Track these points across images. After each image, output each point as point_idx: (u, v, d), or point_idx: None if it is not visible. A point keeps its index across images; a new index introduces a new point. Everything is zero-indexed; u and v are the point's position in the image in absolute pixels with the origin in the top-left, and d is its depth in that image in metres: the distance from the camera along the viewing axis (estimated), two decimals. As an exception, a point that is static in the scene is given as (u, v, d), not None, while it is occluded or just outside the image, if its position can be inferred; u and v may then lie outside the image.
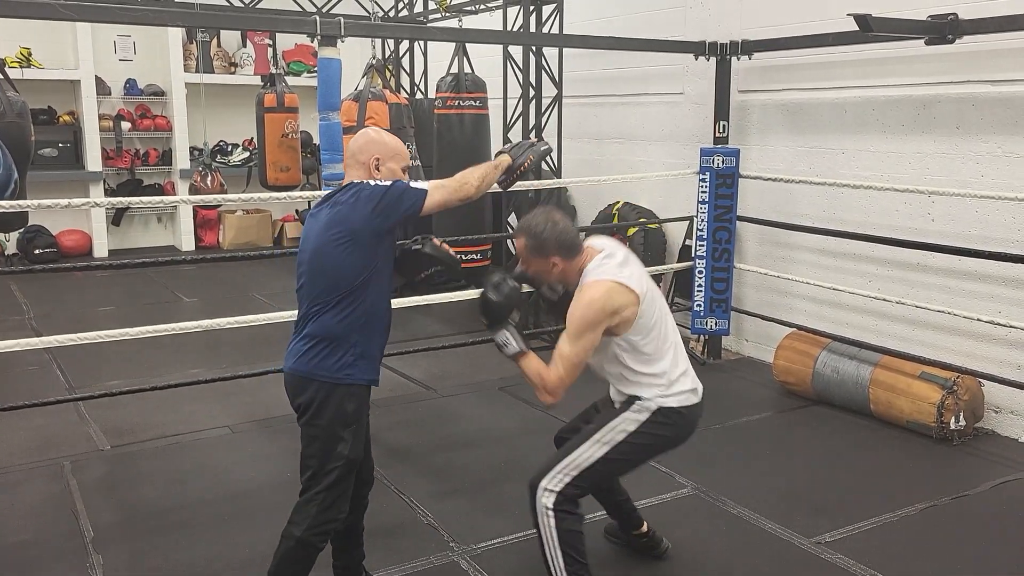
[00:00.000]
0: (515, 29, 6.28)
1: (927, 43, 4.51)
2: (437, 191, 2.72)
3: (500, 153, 3.07)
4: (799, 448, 4.46)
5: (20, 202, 4.27)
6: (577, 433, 2.95)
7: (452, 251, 2.93)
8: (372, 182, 2.68)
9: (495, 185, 3.01)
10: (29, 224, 8.20)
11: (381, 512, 3.70)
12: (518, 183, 3.16)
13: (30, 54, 9.16)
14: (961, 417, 4.39)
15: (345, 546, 2.94)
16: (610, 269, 2.82)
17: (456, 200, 2.78)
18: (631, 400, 2.88)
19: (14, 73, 7.85)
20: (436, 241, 2.91)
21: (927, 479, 4.05)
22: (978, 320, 4.48)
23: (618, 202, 6.76)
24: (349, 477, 2.68)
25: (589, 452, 2.83)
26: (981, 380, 4.51)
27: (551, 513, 2.76)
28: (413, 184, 2.71)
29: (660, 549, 3.34)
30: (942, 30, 4.39)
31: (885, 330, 5.12)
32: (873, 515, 3.65)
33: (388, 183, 2.68)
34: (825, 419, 4.84)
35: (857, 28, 4.22)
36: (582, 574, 2.79)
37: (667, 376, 2.86)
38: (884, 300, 4.97)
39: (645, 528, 3.33)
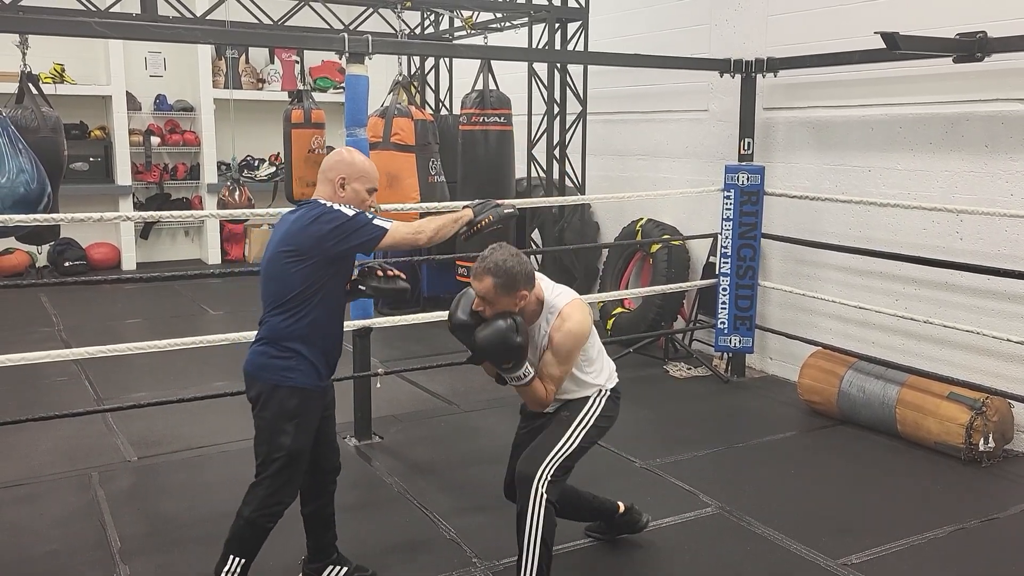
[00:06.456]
0: (540, 46, 6.31)
1: (955, 61, 4.49)
2: (394, 233, 2.82)
3: (465, 207, 3.16)
4: (824, 468, 4.42)
5: (55, 216, 4.34)
6: (540, 432, 3.10)
7: (399, 276, 3.01)
8: (336, 206, 2.82)
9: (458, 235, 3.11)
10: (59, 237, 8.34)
11: (404, 527, 3.71)
12: (541, 199, 3.20)
13: (63, 70, 9.34)
14: (990, 439, 4.33)
15: (313, 528, 3.16)
16: (565, 289, 3.03)
17: (406, 246, 2.91)
18: (589, 388, 3.08)
19: (48, 89, 8.02)
20: (380, 272, 3.00)
21: (955, 501, 4.00)
22: (1007, 340, 4.43)
23: (642, 219, 6.76)
24: (292, 466, 2.86)
25: (572, 439, 3.02)
26: (1011, 401, 4.46)
27: (545, 502, 2.91)
28: (376, 220, 2.81)
29: (642, 523, 3.53)
30: (971, 48, 4.37)
31: (912, 350, 5.07)
32: (900, 537, 3.61)
33: (352, 213, 2.79)
34: (851, 439, 4.79)
35: (884, 46, 4.21)
36: (548, 562, 2.95)
37: (609, 365, 3.17)
38: (911, 319, 4.93)
39: (623, 508, 3.50)
